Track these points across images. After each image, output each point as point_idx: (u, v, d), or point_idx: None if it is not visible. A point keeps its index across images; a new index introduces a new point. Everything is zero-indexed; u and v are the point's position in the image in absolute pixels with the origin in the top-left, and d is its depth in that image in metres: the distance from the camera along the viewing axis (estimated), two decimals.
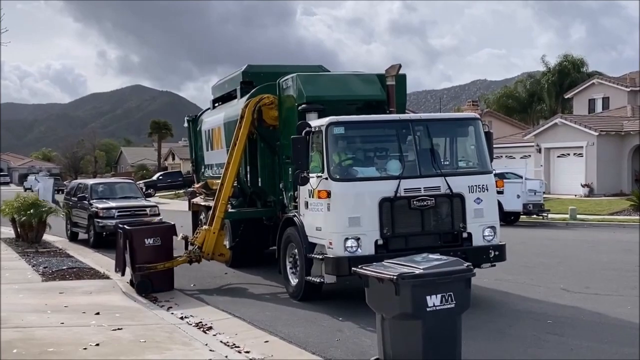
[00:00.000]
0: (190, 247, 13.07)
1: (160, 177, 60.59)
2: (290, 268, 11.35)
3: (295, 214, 11.15)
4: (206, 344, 8.23)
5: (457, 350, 6.32)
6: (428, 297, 6.07)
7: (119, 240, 12.53)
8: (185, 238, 13.36)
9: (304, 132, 10.45)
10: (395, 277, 6.07)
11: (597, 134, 35.58)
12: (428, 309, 6.07)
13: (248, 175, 14.19)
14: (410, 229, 10.08)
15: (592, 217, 27.19)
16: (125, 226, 12.46)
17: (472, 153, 11.16)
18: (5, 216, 20.61)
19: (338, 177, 10.11)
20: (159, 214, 20.27)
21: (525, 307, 10.41)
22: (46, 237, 20.42)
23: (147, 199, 23.77)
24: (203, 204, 17.56)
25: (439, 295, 6.11)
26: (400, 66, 11.87)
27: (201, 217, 17.93)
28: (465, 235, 10.32)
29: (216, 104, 17.51)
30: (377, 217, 9.89)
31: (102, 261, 16.10)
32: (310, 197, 10.52)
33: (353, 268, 7.15)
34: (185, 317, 9.98)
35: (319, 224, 10.32)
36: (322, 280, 10.28)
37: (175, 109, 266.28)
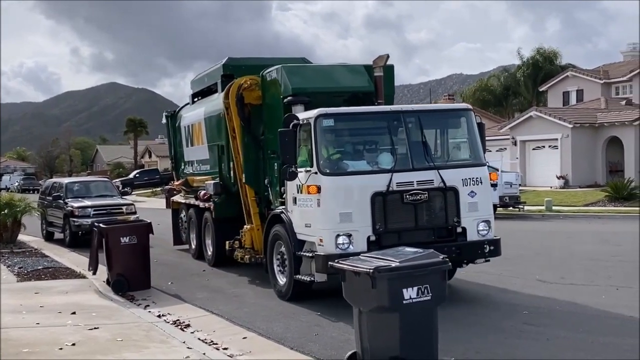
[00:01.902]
0: (241, 251, 12.80)
1: (137, 175, 60.24)
2: (278, 267, 10.96)
3: (283, 210, 10.76)
4: (184, 342, 8.19)
5: (434, 342, 6.34)
6: (404, 290, 6.07)
7: (94, 239, 12.42)
8: (238, 240, 13.06)
9: (291, 125, 10.06)
10: (371, 270, 6.07)
11: (571, 126, 35.91)
12: (404, 302, 6.08)
13: (231, 172, 13.66)
14: (403, 224, 9.73)
15: (568, 209, 27.48)
16: (100, 225, 12.36)
17: (465, 145, 10.79)
18: None
19: (328, 171, 9.73)
20: (135, 212, 20.12)
21: (502, 299, 10.50)
22: (21, 237, 20.20)
23: (124, 197, 23.58)
24: (183, 201, 17.29)
25: (415, 288, 6.11)
26: (388, 57, 11.62)
27: (182, 215, 17.64)
28: (459, 229, 10.01)
29: (195, 99, 16.88)
30: (369, 213, 9.52)
31: (78, 260, 15.96)
32: (298, 192, 10.14)
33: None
34: (163, 315, 9.92)
35: (309, 220, 9.95)
36: (312, 279, 9.89)
37: (151, 106, 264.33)
